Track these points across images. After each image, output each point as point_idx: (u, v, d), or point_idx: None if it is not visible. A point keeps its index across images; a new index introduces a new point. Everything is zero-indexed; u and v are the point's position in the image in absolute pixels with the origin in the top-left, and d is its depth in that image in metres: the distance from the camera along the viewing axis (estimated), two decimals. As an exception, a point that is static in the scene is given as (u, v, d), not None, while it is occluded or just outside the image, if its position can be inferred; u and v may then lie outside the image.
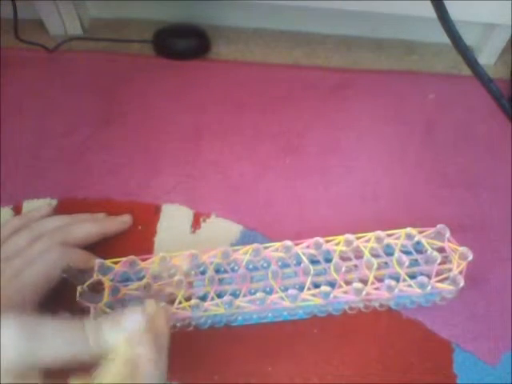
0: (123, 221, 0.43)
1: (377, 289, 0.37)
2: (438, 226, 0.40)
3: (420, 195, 0.46)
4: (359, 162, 0.49)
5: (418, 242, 0.39)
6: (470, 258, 0.37)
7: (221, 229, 0.44)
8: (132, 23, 0.61)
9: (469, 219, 0.45)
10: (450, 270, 0.38)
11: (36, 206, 0.45)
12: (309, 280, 0.37)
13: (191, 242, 0.43)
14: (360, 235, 0.39)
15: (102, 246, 0.42)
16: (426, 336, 0.38)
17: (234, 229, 0.44)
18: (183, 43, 0.57)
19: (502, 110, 0.37)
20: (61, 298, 0.37)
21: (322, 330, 0.39)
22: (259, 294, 0.36)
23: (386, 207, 0.46)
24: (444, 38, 0.35)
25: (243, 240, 0.43)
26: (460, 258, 0.38)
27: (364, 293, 0.36)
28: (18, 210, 0.45)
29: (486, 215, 0.45)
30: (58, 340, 0.25)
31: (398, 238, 0.39)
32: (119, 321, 0.27)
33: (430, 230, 0.40)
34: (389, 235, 0.39)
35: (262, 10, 0.59)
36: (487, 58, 0.57)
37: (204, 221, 0.45)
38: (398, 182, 0.47)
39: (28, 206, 0.45)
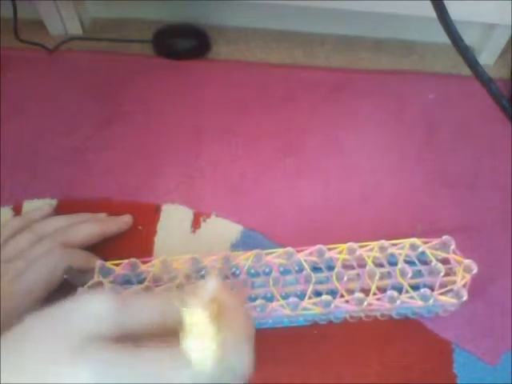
0: (124, 221, 0.43)
1: (378, 299, 0.36)
2: (444, 237, 0.39)
3: (420, 195, 0.46)
4: (359, 161, 0.49)
5: (423, 252, 0.39)
6: (475, 271, 0.37)
7: (221, 229, 0.44)
8: (132, 23, 0.61)
9: (469, 219, 0.45)
10: (453, 282, 0.37)
11: (36, 206, 0.45)
12: (310, 288, 0.36)
13: (191, 242, 0.43)
14: (363, 244, 0.39)
15: (102, 246, 0.42)
16: (426, 336, 0.38)
17: (234, 229, 0.44)
18: (183, 43, 0.57)
19: (502, 110, 0.37)
20: (61, 299, 0.37)
21: (322, 331, 0.39)
22: (259, 301, 0.36)
23: (386, 207, 0.46)
24: (444, 38, 0.35)
25: (243, 240, 0.43)
26: (464, 270, 0.37)
27: (365, 303, 0.36)
28: (18, 210, 0.45)
29: (486, 215, 0.45)
30: (147, 309, 0.24)
31: (402, 248, 0.38)
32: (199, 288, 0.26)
33: (435, 241, 0.39)
34: (393, 245, 0.39)
35: (262, 10, 0.59)
36: (487, 58, 0.57)
37: (204, 221, 0.45)
38: (397, 182, 0.47)
39: (28, 206, 0.45)
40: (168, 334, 0.23)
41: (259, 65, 0.57)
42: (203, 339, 0.22)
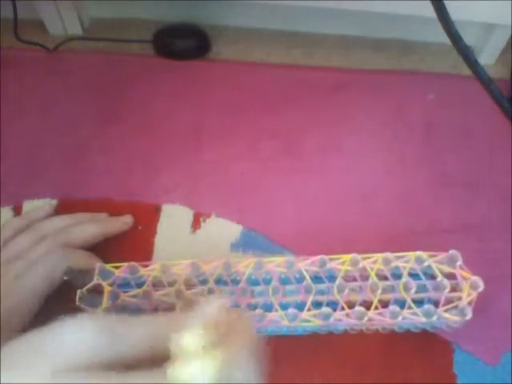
0: (124, 221, 0.43)
1: (380, 314, 0.35)
2: (450, 251, 0.37)
3: (420, 195, 0.46)
4: (359, 161, 0.49)
5: (428, 266, 0.37)
6: (481, 288, 0.35)
7: (221, 229, 0.44)
8: (132, 23, 0.61)
9: (468, 219, 0.45)
10: (459, 298, 0.36)
11: (36, 205, 0.45)
12: (310, 299, 0.36)
13: (191, 242, 0.43)
14: (367, 255, 0.37)
15: (102, 246, 0.42)
16: (426, 336, 0.38)
17: (234, 229, 0.44)
18: (183, 43, 0.57)
19: (502, 110, 0.37)
20: (61, 299, 0.37)
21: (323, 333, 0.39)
22: (258, 311, 0.36)
23: (386, 207, 0.46)
24: (444, 38, 0.35)
25: (243, 240, 0.43)
26: (471, 287, 0.36)
27: (366, 318, 0.35)
28: (18, 210, 0.45)
29: (486, 215, 0.45)
30: (135, 335, 0.23)
31: (408, 261, 0.37)
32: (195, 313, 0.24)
33: (442, 255, 0.38)
34: (397, 257, 0.37)
35: (262, 10, 0.59)
36: (487, 58, 0.57)
37: (204, 221, 0.45)
38: (397, 182, 0.47)
39: (28, 205, 0.45)
40: (157, 361, 0.22)
41: (259, 65, 0.57)
42: (196, 363, 0.21)
